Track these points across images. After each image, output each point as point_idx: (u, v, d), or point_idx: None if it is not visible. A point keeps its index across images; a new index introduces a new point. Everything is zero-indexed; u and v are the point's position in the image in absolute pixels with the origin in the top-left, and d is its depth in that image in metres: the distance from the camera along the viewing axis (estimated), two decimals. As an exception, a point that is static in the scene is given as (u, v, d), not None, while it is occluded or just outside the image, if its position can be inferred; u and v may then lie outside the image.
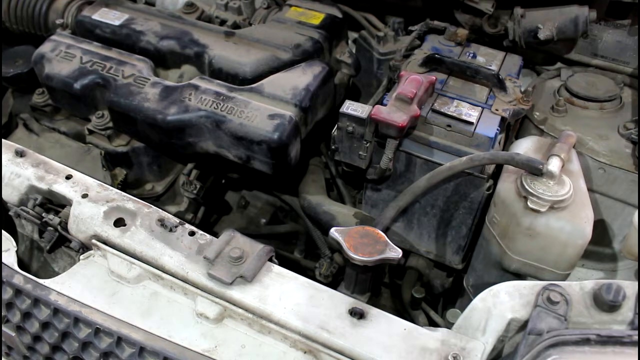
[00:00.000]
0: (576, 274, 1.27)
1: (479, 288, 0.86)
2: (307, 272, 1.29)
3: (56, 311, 0.88)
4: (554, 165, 0.96)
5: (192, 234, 0.93)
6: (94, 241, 0.94)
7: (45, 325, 0.91)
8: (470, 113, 1.09)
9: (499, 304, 0.79)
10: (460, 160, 1.04)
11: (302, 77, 1.18)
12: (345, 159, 1.16)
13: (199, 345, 0.82)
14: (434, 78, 1.13)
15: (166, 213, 0.96)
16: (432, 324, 1.20)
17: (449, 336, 0.79)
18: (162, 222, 0.94)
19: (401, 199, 1.08)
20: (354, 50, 1.45)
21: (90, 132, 1.26)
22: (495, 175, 1.10)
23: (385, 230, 1.02)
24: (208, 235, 0.93)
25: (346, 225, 0.94)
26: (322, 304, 0.83)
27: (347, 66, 1.36)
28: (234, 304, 0.84)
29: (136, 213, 0.96)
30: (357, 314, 0.81)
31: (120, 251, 0.92)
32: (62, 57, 1.25)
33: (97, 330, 0.86)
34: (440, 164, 1.07)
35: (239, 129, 1.10)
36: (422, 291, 1.17)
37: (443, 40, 1.35)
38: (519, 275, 1.04)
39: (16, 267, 0.93)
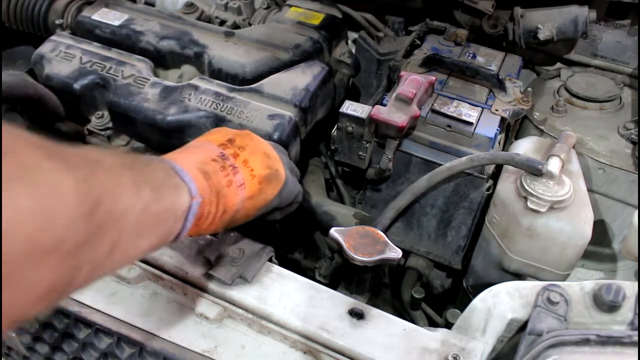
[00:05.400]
0: (576, 275, 1.27)
1: (479, 288, 0.86)
2: (307, 273, 1.29)
3: (56, 311, 0.88)
4: (553, 165, 0.96)
5: (191, 234, 0.92)
6: (93, 241, 0.93)
7: (44, 326, 0.91)
8: (470, 113, 1.09)
9: (498, 304, 0.79)
10: (460, 161, 1.04)
11: (302, 78, 1.18)
12: (345, 159, 1.16)
13: (198, 346, 0.82)
14: (434, 78, 1.13)
15: (166, 213, 0.96)
16: (432, 324, 1.20)
17: (449, 336, 0.79)
18: (161, 223, 0.93)
19: (401, 199, 1.08)
20: (353, 51, 1.45)
21: (90, 132, 1.25)
22: (495, 176, 1.10)
23: (385, 231, 1.02)
24: (208, 236, 0.93)
25: (346, 226, 0.94)
26: (322, 304, 0.83)
27: (347, 66, 1.35)
28: (234, 305, 0.84)
29: (136, 213, 0.95)
30: (357, 315, 0.81)
31: (120, 251, 0.91)
32: (62, 58, 1.25)
33: (97, 331, 0.86)
34: (440, 164, 1.07)
35: (239, 129, 1.10)
36: (422, 291, 1.17)
37: (443, 40, 1.35)
38: (518, 276, 1.04)
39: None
